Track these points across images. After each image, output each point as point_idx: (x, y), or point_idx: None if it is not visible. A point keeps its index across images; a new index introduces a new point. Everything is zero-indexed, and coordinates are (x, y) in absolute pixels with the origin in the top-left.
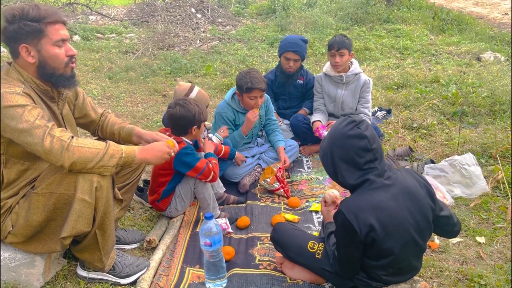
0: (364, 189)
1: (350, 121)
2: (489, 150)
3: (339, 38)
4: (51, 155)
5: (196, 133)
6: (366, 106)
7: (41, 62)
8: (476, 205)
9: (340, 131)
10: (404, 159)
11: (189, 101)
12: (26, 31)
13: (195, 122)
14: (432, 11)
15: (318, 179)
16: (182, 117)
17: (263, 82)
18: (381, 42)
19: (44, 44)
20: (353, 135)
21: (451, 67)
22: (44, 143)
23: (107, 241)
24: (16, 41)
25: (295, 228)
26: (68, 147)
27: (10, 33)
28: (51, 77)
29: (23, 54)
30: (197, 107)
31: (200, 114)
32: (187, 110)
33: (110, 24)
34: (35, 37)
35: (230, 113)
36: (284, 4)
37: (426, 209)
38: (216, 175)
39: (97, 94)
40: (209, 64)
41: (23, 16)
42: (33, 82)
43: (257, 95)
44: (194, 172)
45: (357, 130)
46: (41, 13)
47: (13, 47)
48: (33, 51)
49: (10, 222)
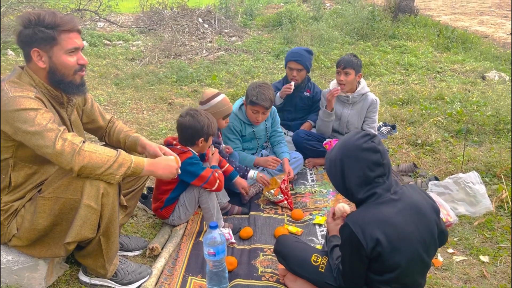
0: (371, 203)
1: (364, 134)
2: (493, 168)
3: (347, 57)
4: (61, 158)
5: (203, 146)
6: (372, 126)
7: (51, 68)
8: (480, 224)
9: (354, 144)
10: (408, 175)
11: (200, 113)
12: (40, 37)
13: (203, 135)
14: (437, 29)
15: (322, 192)
16: (190, 128)
17: (268, 101)
18: (386, 57)
19: (56, 51)
20: (367, 149)
21: (455, 85)
22: (56, 146)
23: (111, 248)
24: (29, 45)
25: (299, 241)
26: (79, 151)
27: (24, 37)
28: (60, 84)
29: (35, 59)
30: (207, 120)
31: (209, 128)
32: (196, 122)
33: (118, 31)
34: (48, 44)
35: (237, 123)
36: (291, 17)
37: (432, 224)
38: (221, 184)
39: (103, 100)
40: (215, 74)
41: (38, 22)
42: (44, 87)
43: (259, 111)
44: (199, 181)
45: (371, 144)
46: (57, 21)
47: (26, 51)
48: (44, 57)
49: (15, 225)
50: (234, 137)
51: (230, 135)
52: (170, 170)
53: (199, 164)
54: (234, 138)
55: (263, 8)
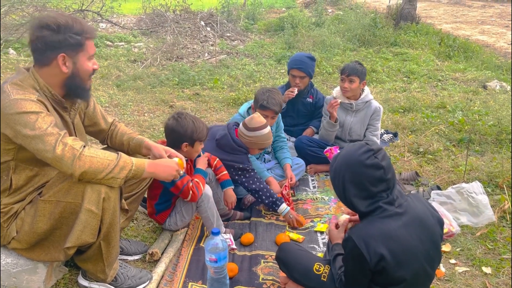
0: (375, 216)
1: (367, 149)
2: (495, 179)
3: (352, 65)
4: (61, 163)
5: (189, 151)
6: (374, 134)
7: (73, 73)
8: (482, 234)
9: (357, 159)
10: (410, 183)
11: (185, 116)
12: (70, 43)
13: (186, 139)
14: (439, 37)
15: (324, 199)
16: (173, 131)
17: (278, 106)
18: (388, 65)
19: (81, 56)
20: (370, 165)
21: (457, 94)
22: (56, 150)
23: (111, 253)
24: (56, 50)
25: (301, 249)
26: (80, 156)
27: (53, 42)
28: (73, 89)
29: (59, 63)
30: (192, 124)
31: (193, 133)
32: (179, 125)
33: (120, 32)
34: (75, 49)
35: None
36: (293, 22)
37: (436, 237)
38: (195, 195)
39: (104, 102)
40: (217, 77)
41: (69, 29)
42: (48, 91)
43: (269, 115)
44: (175, 189)
45: (374, 160)
46: (84, 28)
47: (48, 55)
48: (68, 62)
49: (14, 228)
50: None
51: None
52: (170, 171)
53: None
54: None
55: (265, 12)
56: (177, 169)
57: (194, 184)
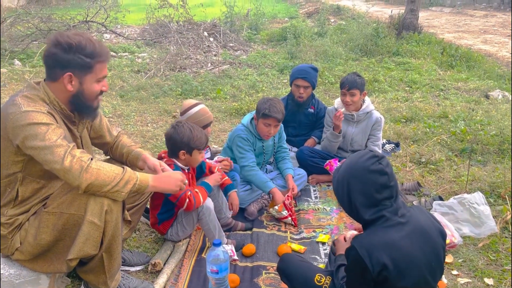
0: (378, 226)
1: (372, 155)
2: (497, 189)
3: (351, 78)
4: (69, 174)
5: (187, 159)
6: (376, 144)
7: (78, 92)
8: (485, 245)
9: (361, 165)
10: (412, 193)
11: (182, 125)
12: (79, 64)
13: (183, 147)
14: (441, 46)
15: (325, 209)
16: (170, 139)
17: (281, 113)
18: (390, 74)
19: (89, 78)
20: (374, 171)
21: (459, 103)
22: (64, 162)
23: (113, 264)
24: (64, 68)
25: (302, 260)
26: (87, 168)
27: (62, 60)
28: (80, 107)
29: (65, 81)
30: (189, 133)
31: (191, 140)
32: (176, 133)
33: (124, 43)
34: (83, 70)
35: (250, 136)
36: (295, 32)
37: (438, 248)
38: (191, 203)
39: (108, 112)
40: (220, 87)
41: (80, 49)
42: (58, 105)
43: (272, 124)
44: (173, 198)
45: (379, 166)
46: (96, 51)
47: (56, 71)
48: (75, 81)
49: (18, 239)
50: (249, 148)
51: (244, 146)
52: (174, 185)
53: None
54: (249, 149)
55: (268, 22)
56: (181, 180)
57: (192, 193)
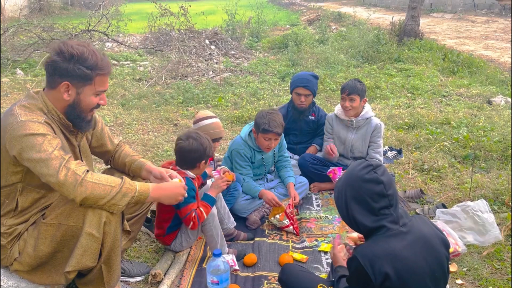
0: (379, 236)
1: (366, 165)
2: (501, 196)
3: (351, 83)
4: (64, 188)
5: (202, 168)
6: (377, 151)
7: (74, 103)
8: (489, 254)
9: (356, 175)
10: (415, 201)
11: (200, 135)
12: (77, 74)
13: (205, 157)
14: (443, 52)
15: (328, 218)
16: (193, 151)
17: (280, 127)
18: (392, 81)
19: (87, 90)
20: (369, 180)
21: (462, 110)
22: (59, 175)
23: (112, 276)
24: (62, 77)
25: (304, 270)
26: (82, 182)
27: (61, 69)
28: (73, 118)
29: (61, 90)
30: (208, 142)
31: (210, 149)
32: (199, 144)
33: (126, 51)
34: (81, 82)
35: (247, 150)
36: (296, 39)
37: (441, 258)
38: (195, 225)
39: (109, 121)
40: (221, 95)
41: (81, 60)
42: (56, 115)
43: (272, 138)
44: (181, 213)
45: (373, 175)
46: (98, 64)
47: (55, 79)
48: (72, 91)
49: (17, 249)
50: (245, 164)
51: (241, 162)
52: (176, 194)
53: (188, 196)
54: (245, 165)
55: (269, 30)
56: (182, 193)
57: (196, 214)
